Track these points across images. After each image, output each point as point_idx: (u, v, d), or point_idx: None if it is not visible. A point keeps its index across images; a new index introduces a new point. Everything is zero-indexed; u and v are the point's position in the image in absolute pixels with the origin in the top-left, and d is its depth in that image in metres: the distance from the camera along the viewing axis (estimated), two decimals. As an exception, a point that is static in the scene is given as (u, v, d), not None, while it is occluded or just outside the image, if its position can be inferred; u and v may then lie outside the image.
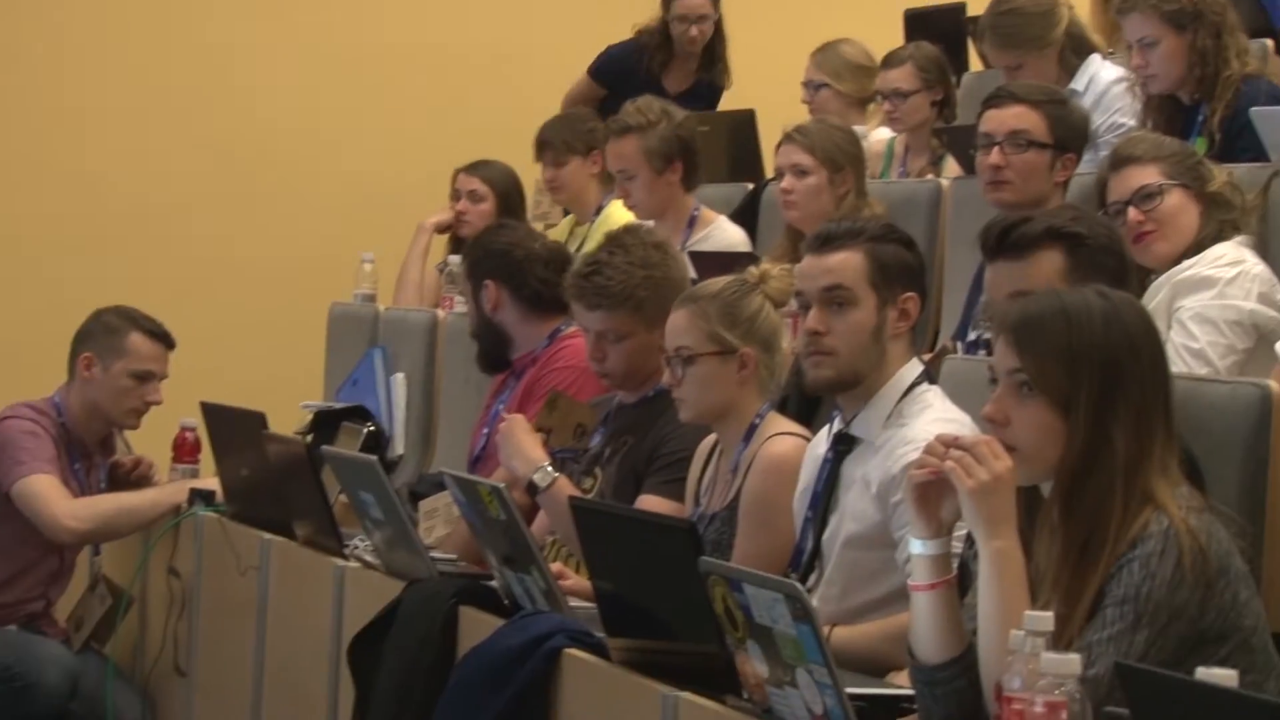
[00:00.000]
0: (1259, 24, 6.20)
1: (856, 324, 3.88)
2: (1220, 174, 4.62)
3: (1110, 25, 6.16)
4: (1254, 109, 5.05)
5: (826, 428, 4.03)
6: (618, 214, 6.50)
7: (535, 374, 5.46)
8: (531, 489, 4.56)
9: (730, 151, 7.22)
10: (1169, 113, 5.52)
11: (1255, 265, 4.49)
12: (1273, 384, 3.58)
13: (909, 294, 3.92)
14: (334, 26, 9.24)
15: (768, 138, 6.65)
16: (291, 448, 5.26)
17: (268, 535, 5.27)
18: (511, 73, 9.17)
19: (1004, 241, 3.67)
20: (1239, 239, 4.55)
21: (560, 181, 6.95)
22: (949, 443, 2.99)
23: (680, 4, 7.90)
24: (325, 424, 6.53)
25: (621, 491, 4.60)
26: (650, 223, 6.06)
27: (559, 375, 5.36)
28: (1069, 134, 5.20)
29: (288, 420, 6.32)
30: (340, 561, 4.84)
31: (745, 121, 7.35)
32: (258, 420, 5.42)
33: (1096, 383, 3.01)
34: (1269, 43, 6.01)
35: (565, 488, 4.52)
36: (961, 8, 7.41)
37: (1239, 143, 5.10)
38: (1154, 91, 5.53)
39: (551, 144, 6.93)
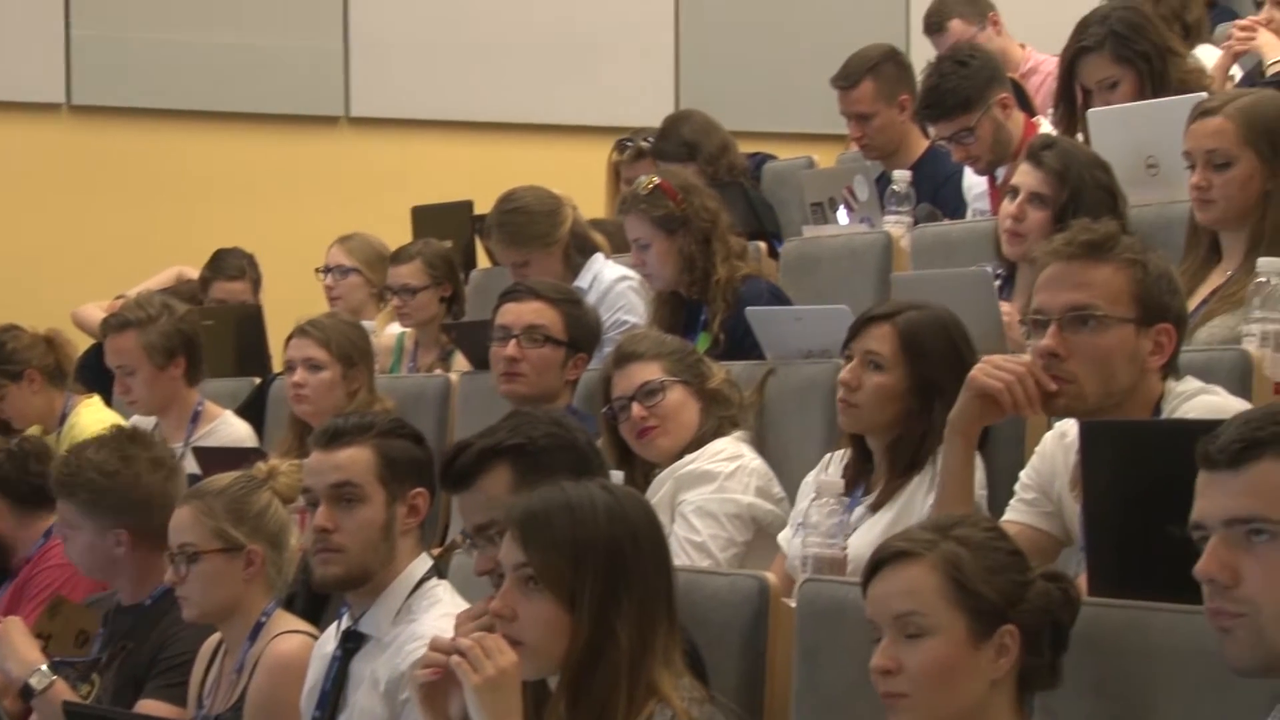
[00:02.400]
0: (754, 226, 6.45)
1: (365, 520, 3.85)
2: (719, 371, 4.77)
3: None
4: (749, 309, 5.23)
5: (335, 625, 3.97)
6: (88, 418, 6.31)
7: (28, 572, 5.28)
8: (26, 692, 4.37)
9: (237, 345, 7.13)
10: (673, 310, 5.68)
11: (753, 460, 4.62)
12: (770, 576, 3.67)
13: (418, 489, 3.91)
14: None
15: (276, 332, 6.60)
16: None
17: None
18: None
19: (448, 474, 3.64)
20: (737, 434, 4.69)
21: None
22: (446, 649, 3.00)
23: None
24: None
25: (121, 697, 4.44)
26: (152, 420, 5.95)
27: (51, 574, 5.19)
28: (582, 333, 5.33)
29: None
30: None
31: (252, 315, 7.28)
32: None
33: (601, 576, 3.04)
34: (762, 245, 6.25)
35: (63, 692, 4.35)
36: (469, 205, 7.51)
37: (747, 340, 5.27)
38: (656, 289, 5.70)
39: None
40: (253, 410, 6.43)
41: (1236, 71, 6.22)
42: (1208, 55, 6.19)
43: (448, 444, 5.78)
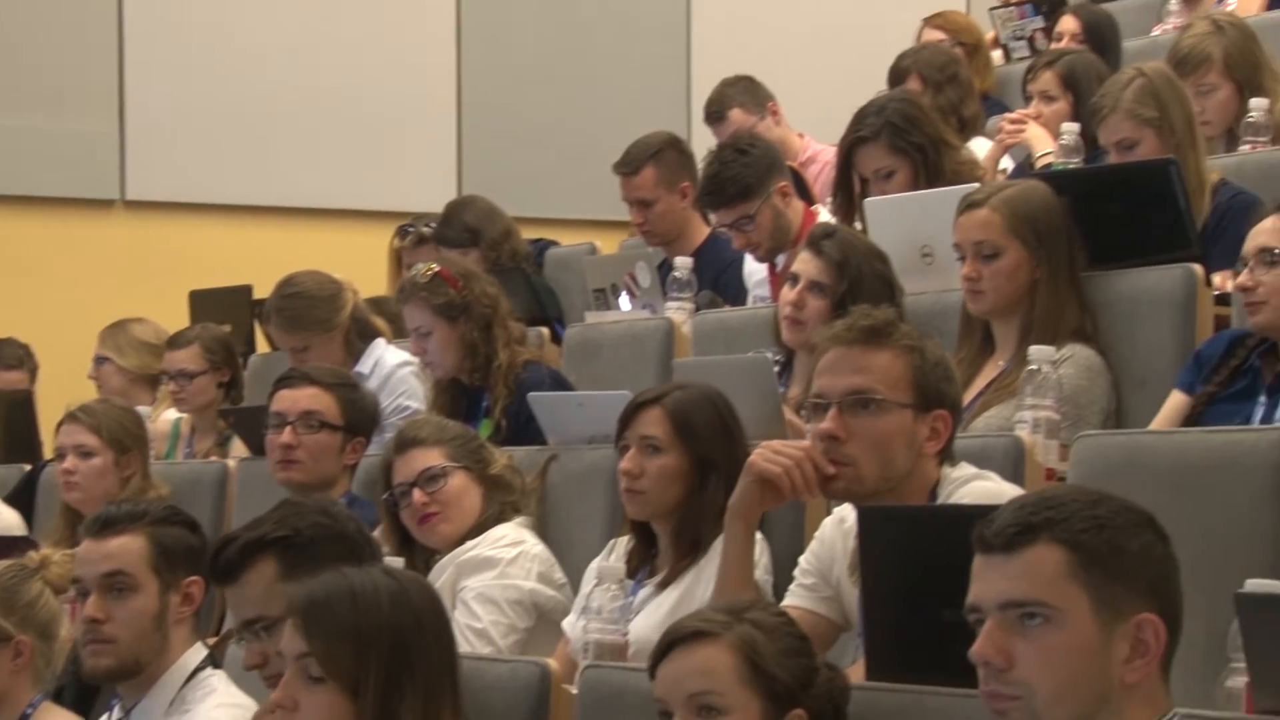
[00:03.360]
0: (536, 312, 6.46)
1: (137, 610, 3.78)
2: (501, 457, 4.76)
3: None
4: (531, 395, 5.23)
5: (105, 717, 3.89)
6: None
7: None
8: None
9: (6, 431, 6.98)
10: (454, 396, 5.66)
11: (535, 546, 4.62)
12: (551, 662, 3.66)
13: (192, 578, 3.84)
14: None
15: (51, 418, 6.48)
16: None
17: None
18: None
19: (214, 568, 3.59)
20: (519, 520, 4.68)
21: None
22: None
23: None
24: None
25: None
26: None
27: None
28: (360, 418, 5.29)
29: None
30: None
31: (21, 401, 7.14)
32: None
33: (385, 664, 3.01)
34: (544, 331, 6.26)
35: None
36: (248, 290, 7.44)
37: (530, 425, 5.27)
38: (436, 377, 5.68)
39: None
40: (23, 498, 6.29)
41: (1008, 163, 6.37)
42: (981, 147, 6.33)
43: (225, 531, 5.71)
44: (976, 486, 3.56)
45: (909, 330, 3.65)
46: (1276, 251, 4.15)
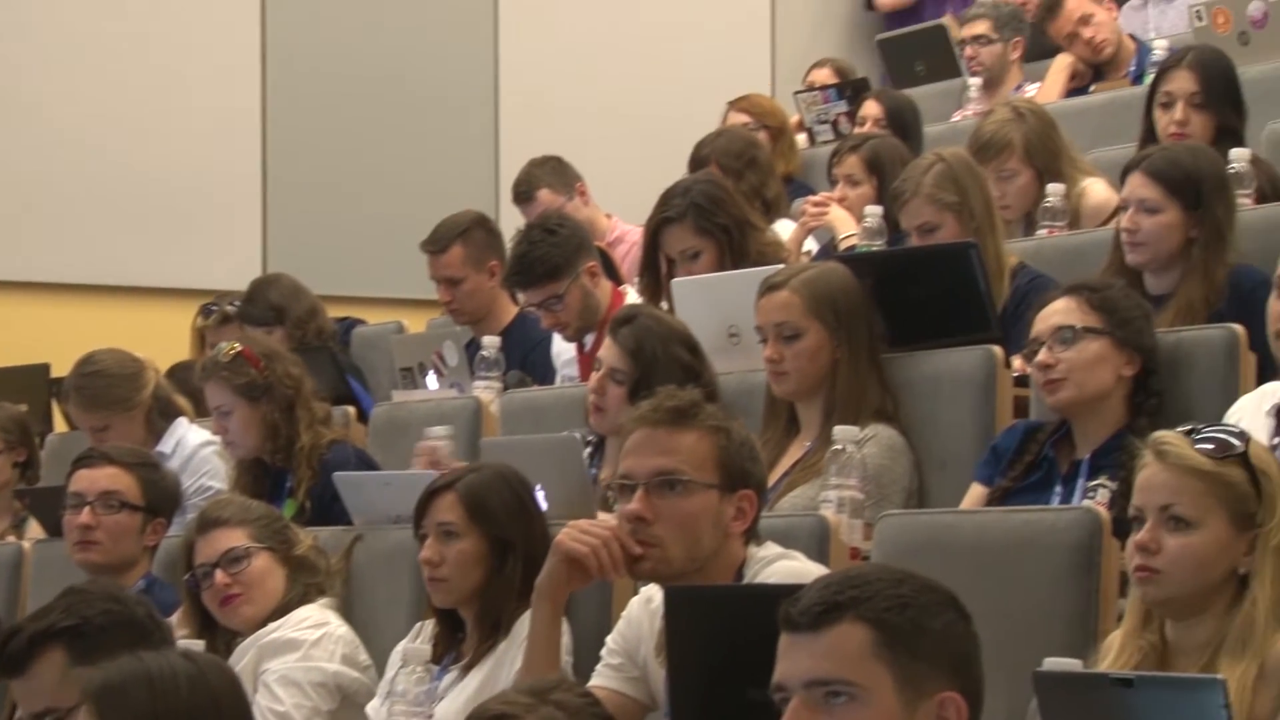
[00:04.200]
0: (342, 391, 6.41)
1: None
2: (306, 538, 4.72)
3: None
4: (337, 474, 5.19)
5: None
6: None
7: None
8: None
9: None
10: (257, 476, 5.60)
11: (339, 627, 4.57)
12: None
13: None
14: None
15: None
16: None
17: None
18: None
19: (2, 662, 3.48)
20: (323, 601, 4.64)
21: None
22: None
23: None
24: None
25: None
26: None
27: None
28: (160, 498, 5.23)
29: None
30: None
31: None
32: None
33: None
34: (350, 410, 6.21)
35: None
36: (45, 368, 7.32)
37: (335, 506, 5.23)
38: (238, 457, 5.62)
39: None
40: None
41: (813, 245, 6.44)
42: (786, 229, 6.40)
43: (20, 615, 5.59)
44: (782, 566, 3.58)
45: (714, 411, 3.67)
46: (1076, 328, 4.22)
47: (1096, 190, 5.80)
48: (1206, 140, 5.43)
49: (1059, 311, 4.26)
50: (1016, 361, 4.67)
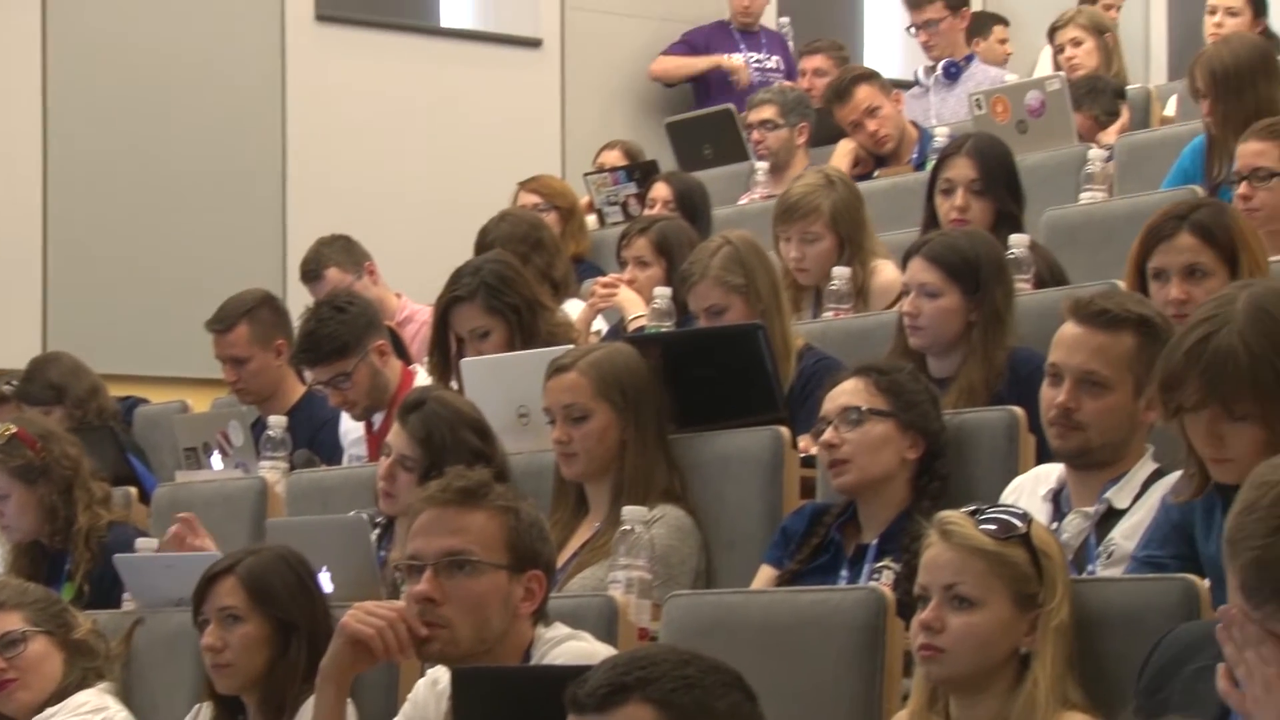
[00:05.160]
0: (124, 472, 6.31)
1: None
2: (85, 621, 4.65)
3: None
4: (117, 556, 5.12)
5: None
6: None
7: None
8: None
9: None
10: (35, 559, 5.51)
11: (119, 712, 4.54)
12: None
13: None
14: None
15: None
16: None
17: None
18: None
19: None
20: (102, 686, 4.59)
21: None
22: None
23: None
24: None
25: None
26: None
27: None
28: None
29: None
30: None
31: None
32: None
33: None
34: (132, 490, 6.12)
35: None
36: None
37: (115, 588, 5.15)
38: (14, 540, 5.53)
39: None
40: None
41: (602, 325, 6.47)
42: (576, 309, 6.42)
43: None
44: (570, 647, 3.58)
45: (504, 491, 3.66)
46: (863, 410, 4.27)
47: (886, 271, 5.88)
48: (986, 226, 5.54)
49: (847, 392, 4.31)
50: (803, 442, 4.72)
